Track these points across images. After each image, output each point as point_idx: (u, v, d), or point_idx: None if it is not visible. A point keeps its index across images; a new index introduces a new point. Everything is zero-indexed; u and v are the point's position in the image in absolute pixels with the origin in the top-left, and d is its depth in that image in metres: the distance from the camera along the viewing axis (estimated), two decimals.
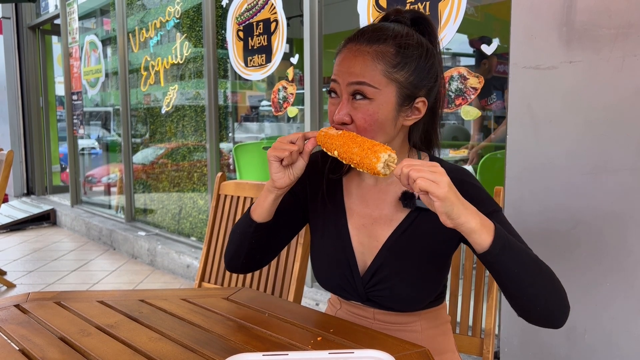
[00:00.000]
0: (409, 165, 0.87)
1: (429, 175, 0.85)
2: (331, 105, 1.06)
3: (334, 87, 1.05)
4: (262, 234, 1.15)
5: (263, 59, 3.24)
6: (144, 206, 4.83)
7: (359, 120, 1.02)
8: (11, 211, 5.98)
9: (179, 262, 3.87)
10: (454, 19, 2.17)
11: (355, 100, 1.02)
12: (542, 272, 0.95)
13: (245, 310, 1.16)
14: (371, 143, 0.94)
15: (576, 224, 1.75)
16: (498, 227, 0.91)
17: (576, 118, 1.73)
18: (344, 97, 1.03)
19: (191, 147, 4.17)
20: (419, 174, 0.85)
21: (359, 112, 1.02)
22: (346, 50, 1.05)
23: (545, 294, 0.94)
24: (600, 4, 1.64)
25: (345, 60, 1.04)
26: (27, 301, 1.22)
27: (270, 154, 1.05)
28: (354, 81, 1.01)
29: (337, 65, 1.05)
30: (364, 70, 1.01)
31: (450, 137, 3.81)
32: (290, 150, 1.03)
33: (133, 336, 1.02)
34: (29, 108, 6.84)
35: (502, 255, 0.89)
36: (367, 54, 1.02)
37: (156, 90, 4.47)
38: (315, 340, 0.98)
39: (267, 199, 1.11)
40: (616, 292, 1.69)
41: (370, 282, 1.10)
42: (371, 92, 1.01)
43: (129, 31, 4.73)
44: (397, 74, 1.02)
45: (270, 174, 1.08)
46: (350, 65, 1.02)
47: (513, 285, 0.92)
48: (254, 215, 1.13)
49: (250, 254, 1.18)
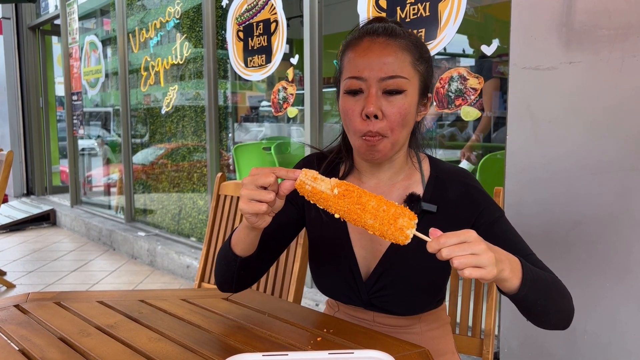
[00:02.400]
0: (444, 244, 0.81)
1: (472, 260, 0.80)
2: (353, 103, 1.00)
3: (358, 85, 0.99)
4: (248, 264, 1.08)
5: (263, 59, 3.24)
6: (144, 206, 4.83)
7: (393, 115, 0.98)
8: (11, 211, 5.98)
9: (178, 262, 3.87)
10: (453, 19, 2.18)
11: (390, 95, 0.98)
12: (557, 291, 0.97)
13: (245, 311, 1.16)
14: (386, 213, 0.85)
15: (576, 224, 1.75)
16: (524, 266, 0.90)
17: (576, 118, 1.73)
18: (373, 91, 0.98)
19: (191, 147, 4.17)
20: (462, 261, 0.80)
21: (394, 107, 0.98)
22: (366, 43, 1.00)
23: (559, 309, 0.97)
24: (600, 5, 1.64)
25: (371, 53, 0.99)
26: (27, 301, 1.22)
27: (244, 210, 0.92)
28: (388, 75, 0.97)
29: (361, 60, 0.99)
30: (396, 63, 0.98)
31: (449, 137, 3.81)
32: (266, 201, 0.90)
33: (133, 336, 1.02)
34: (29, 108, 6.84)
35: (528, 293, 0.90)
36: (394, 46, 0.99)
37: (156, 91, 4.47)
38: (315, 341, 0.98)
39: (249, 237, 1.01)
40: (616, 292, 1.69)
41: (373, 287, 1.09)
42: (405, 84, 0.99)
43: (129, 31, 4.73)
44: (420, 67, 1.03)
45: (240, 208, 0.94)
46: (382, 59, 0.98)
47: (534, 310, 0.94)
48: (237, 250, 1.04)
49: (241, 281, 1.11)
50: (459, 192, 1.07)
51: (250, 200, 0.91)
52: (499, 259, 0.84)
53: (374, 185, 1.12)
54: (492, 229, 1.04)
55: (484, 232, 1.04)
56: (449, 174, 1.10)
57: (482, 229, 1.05)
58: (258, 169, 0.92)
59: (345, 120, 1.03)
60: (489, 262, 0.82)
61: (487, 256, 0.82)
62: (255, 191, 0.90)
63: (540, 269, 0.99)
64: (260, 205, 0.90)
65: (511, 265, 0.87)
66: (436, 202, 1.07)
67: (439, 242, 0.81)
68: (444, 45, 2.21)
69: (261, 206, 0.90)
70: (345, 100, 1.01)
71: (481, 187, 1.09)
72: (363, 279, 1.10)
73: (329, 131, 3.06)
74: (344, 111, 1.02)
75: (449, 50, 2.68)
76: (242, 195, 0.92)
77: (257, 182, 0.90)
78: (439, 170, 1.11)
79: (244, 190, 0.91)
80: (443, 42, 2.21)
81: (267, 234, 1.09)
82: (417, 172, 1.11)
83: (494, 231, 1.04)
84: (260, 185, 0.90)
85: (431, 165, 1.13)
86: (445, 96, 2.25)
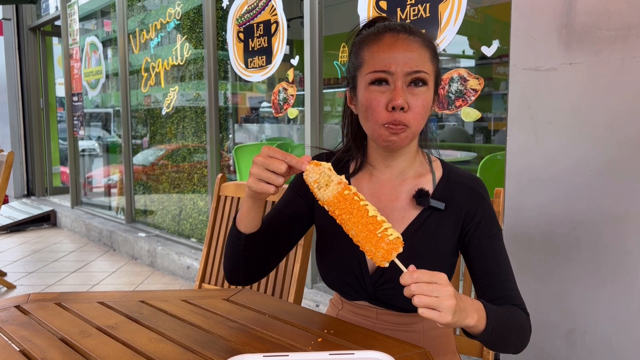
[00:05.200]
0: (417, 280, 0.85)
1: (432, 302, 0.84)
2: (379, 94, 1.03)
3: (384, 77, 1.03)
4: (253, 244, 1.11)
5: (263, 60, 3.24)
6: (144, 207, 4.83)
7: (418, 107, 1.03)
8: (11, 212, 5.98)
9: (179, 263, 3.87)
10: (454, 20, 2.18)
11: (416, 87, 1.03)
12: (516, 332, 1.03)
13: (246, 312, 1.16)
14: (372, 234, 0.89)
15: (576, 225, 1.75)
16: (489, 314, 0.93)
17: (576, 119, 1.73)
18: (399, 83, 1.02)
19: (191, 148, 4.17)
20: (422, 300, 0.84)
21: (419, 100, 1.03)
22: (388, 39, 1.05)
23: (514, 346, 1.05)
24: (600, 6, 1.64)
25: (396, 48, 1.03)
26: (28, 302, 1.22)
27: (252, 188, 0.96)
28: (414, 70, 1.02)
29: (386, 54, 1.03)
30: (420, 58, 1.04)
31: (450, 138, 3.81)
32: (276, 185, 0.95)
33: (133, 337, 1.02)
34: (30, 109, 6.85)
35: (489, 337, 0.95)
36: (416, 42, 1.05)
37: (157, 92, 4.48)
38: (316, 342, 0.98)
39: (252, 209, 1.06)
40: (616, 293, 1.69)
41: (379, 280, 1.10)
42: (427, 78, 1.04)
43: (129, 32, 4.74)
44: (436, 63, 1.08)
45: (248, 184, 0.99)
46: (407, 54, 1.03)
47: (490, 346, 1.03)
48: (240, 227, 1.09)
49: (248, 266, 1.15)
50: (465, 196, 1.11)
51: (259, 180, 0.95)
52: (463, 308, 0.88)
53: (386, 179, 1.15)
54: (482, 243, 1.08)
55: (472, 243, 1.08)
56: (461, 177, 1.14)
57: (472, 240, 1.09)
58: (270, 149, 0.95)
59: (367, 111, 1.05)
60: (447, 308, 0.85)
61: (448, 303, 0.85)
62: (266, 173, 0.94)
63: (512, 297, 1.05)
64: (269, 187, 0.95)
65: (478, 314, 0.92)
66: (445, 201, 1.10)
67: (412, 277, 0.85)
68: (444, 46, 2.22)
69: (269, 188, 0.95)
70: (370, 92, 1.04)
71: (488, 199, 1.13)
72: (369, 271, 1.11)
73: (330, 132, 3.06)
74: (368, 102, 1.04)
75: (449, 51, 2.69)
76: (251, 173, 0.96)
77: (269, 167, 0.94)
78: (451, 173, 1.15)
79: (254, 168, 0.95)
80: (443, 43, 2.21)
81: (275, 223, 1.15)
82: (429, 173, 1.14)
83: (482, 246, 1.08)
84: (272, 171, 0.94)
85: (443, 167, 1.16)
86: (446, 97, 2.25)
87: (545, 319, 1.84)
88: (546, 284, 1.82)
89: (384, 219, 0.90)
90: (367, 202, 0.91)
